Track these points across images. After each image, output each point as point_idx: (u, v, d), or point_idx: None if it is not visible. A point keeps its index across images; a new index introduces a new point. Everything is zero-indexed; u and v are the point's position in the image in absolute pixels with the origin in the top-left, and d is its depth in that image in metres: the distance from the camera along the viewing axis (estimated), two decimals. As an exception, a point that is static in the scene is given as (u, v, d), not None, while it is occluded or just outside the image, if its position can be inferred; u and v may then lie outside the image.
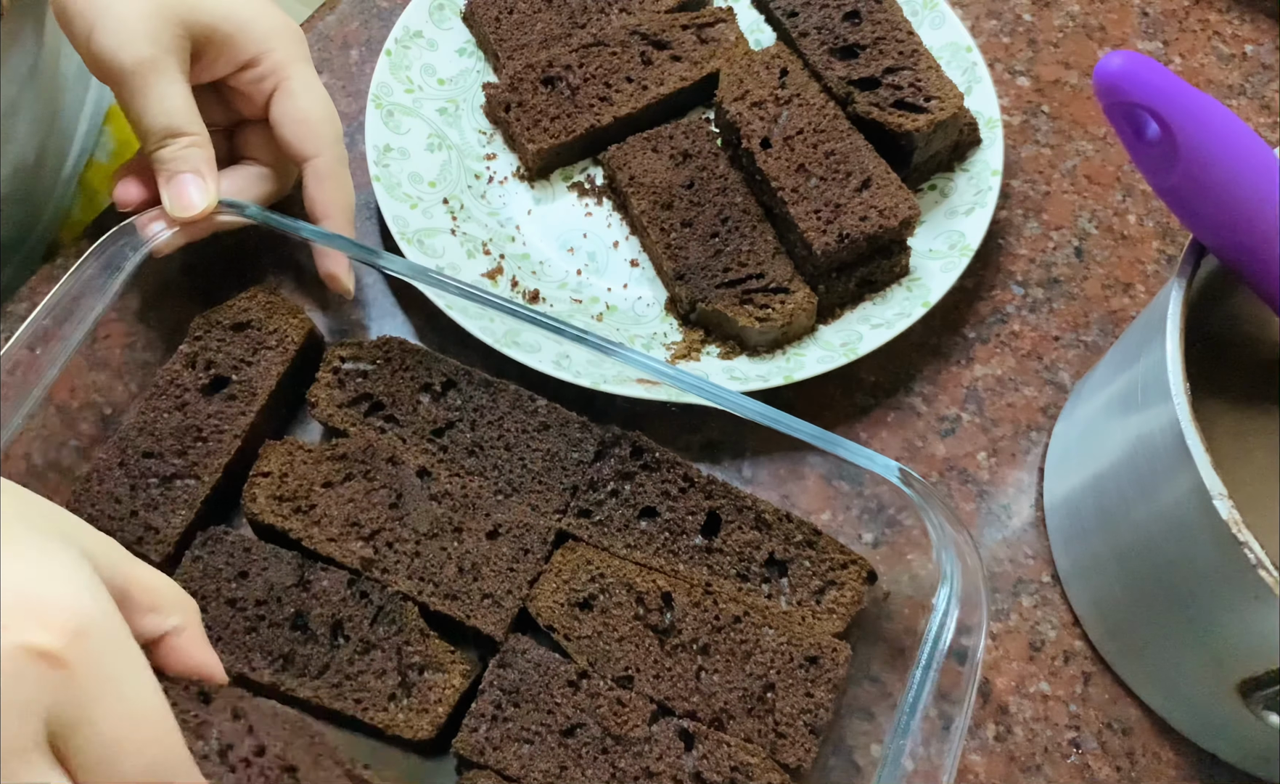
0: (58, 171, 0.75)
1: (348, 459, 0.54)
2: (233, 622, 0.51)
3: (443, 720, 0.49)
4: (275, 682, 0.50)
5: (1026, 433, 0.61)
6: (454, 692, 0.50)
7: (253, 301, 0.58)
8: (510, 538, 0.53)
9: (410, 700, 0.49)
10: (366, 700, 0.49)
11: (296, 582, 0.51)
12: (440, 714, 0.49)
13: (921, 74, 0.64)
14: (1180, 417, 0.44)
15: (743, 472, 0.59)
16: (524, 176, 0.68)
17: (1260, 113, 0.72)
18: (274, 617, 0.51)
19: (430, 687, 0.50)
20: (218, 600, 0.51)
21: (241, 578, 0.52)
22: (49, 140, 0.72)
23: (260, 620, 0.51)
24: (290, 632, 0.51)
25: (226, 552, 0.52)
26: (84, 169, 0.78)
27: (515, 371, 0.57)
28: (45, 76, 0.69)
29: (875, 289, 0.63)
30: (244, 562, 0.52)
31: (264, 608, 0.51)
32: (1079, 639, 0.55)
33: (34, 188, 0.71)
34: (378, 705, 0.49)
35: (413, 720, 0.49)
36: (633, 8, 0.71)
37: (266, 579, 0.51)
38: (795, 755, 0.49)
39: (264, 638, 0.50)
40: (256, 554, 0.52)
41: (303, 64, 0.58)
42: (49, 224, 0.74)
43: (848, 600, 0.52)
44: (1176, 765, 0.53)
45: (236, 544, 0.52)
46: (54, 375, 0.51)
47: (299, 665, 0.50)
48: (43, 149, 0.71)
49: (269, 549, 0.52)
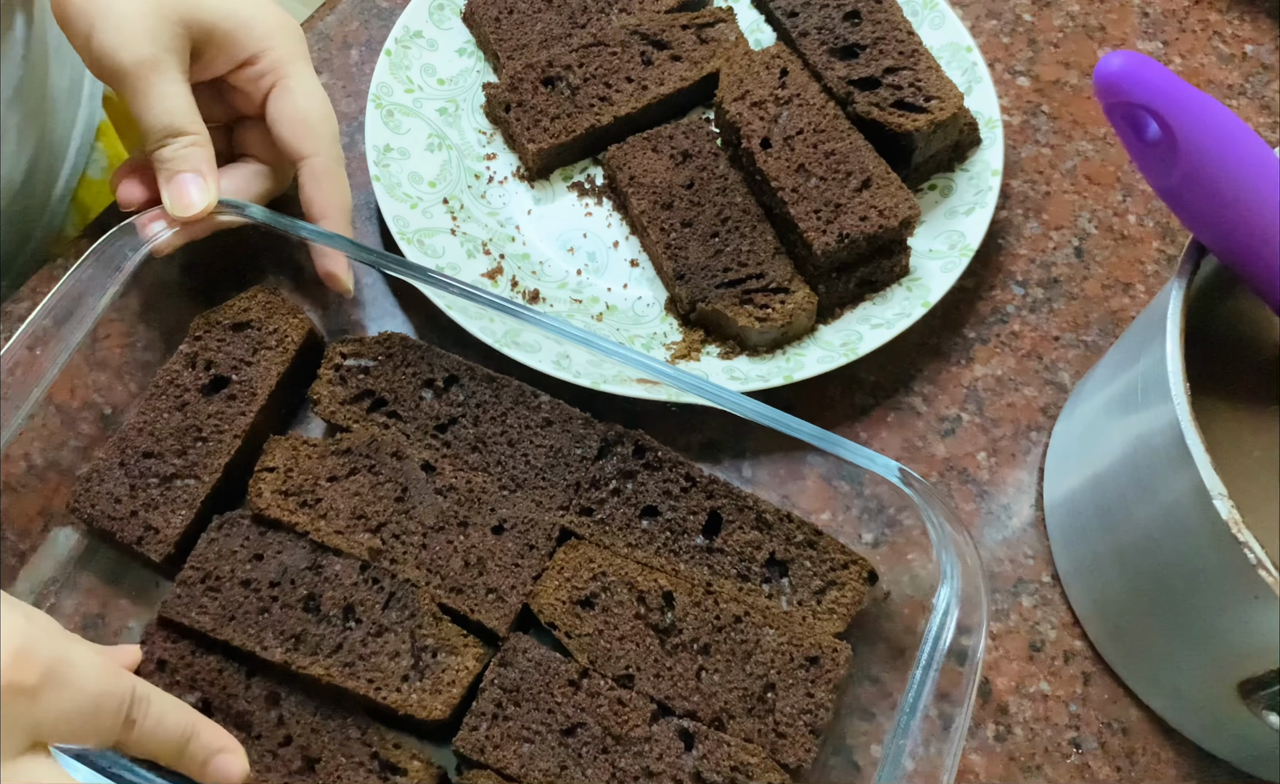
0: (49, 190, 0.74)
1: (352, 453, 0.54)
2: (246, 602, 0.51)
3: (457, 701, 0.49)
4: (287, 660, 0.50)
5: (1026, 433, 0.61)
6: (468, 674, 0.50)
7: (253, 301, 0.58)
8: (515, 533, 0.53)
9: (424, 681, 0.49)
10: (379, 680, 0.49)
11: (310, 566, 0.52)
12: (454, 695, 0.49)
13: (921, 74, 0.64)
14: (1180, 417, 0.44)
15: (743, 472, 0.59)
16: (524, 176, 0.68)
17: (1260, 113, 0.72)
18: (287, 598, 0.51)
19: (444, 669, 0.50)
20: (232, 582, 0.51)
21: (256, 560, 0.52)
22: (39, 159, 0.71)
23: (274, 601, 0.51)
24: (303, 613, 0.51)
25: (242, 535, 0.52)
26: (77, 186, 0.77)
27: (515, 372, 0.57)
28: (32, 95, 0.68)
29: (875, 289, 0.63)
30: (259, 545, 0.52)
31: (277, 589, 0.51)
32: (1079, 639, 0.55)
33: (25, 207, 0.71)
34: (390, 685, 0.49)
35: (426, 701, 0.49)
36: (633, 8, 0.71)
37: (281, 562, 0.52)
38: (795, 755, 0.49)
39: (276, 618, 0.51)
40: (271, 538, 0.52)
41: (301, 63, 0.58)
42: (41, 242, 0.74)
43: (848, 600, 0.52)
44: (1176, 765, 0.53)
45: (252, 529, 0.53)
46: (54, 375, 0.51)
47: (311, 645, 0.50)
48: (32, 168, 0.70)
49: (284, 534, 0.52)
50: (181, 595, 0.51)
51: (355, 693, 0.49)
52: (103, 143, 0.79)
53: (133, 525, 0.53)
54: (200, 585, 0.51)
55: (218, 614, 0.51)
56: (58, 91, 0.73)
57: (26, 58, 0.66)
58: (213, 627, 0.50)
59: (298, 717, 0.50)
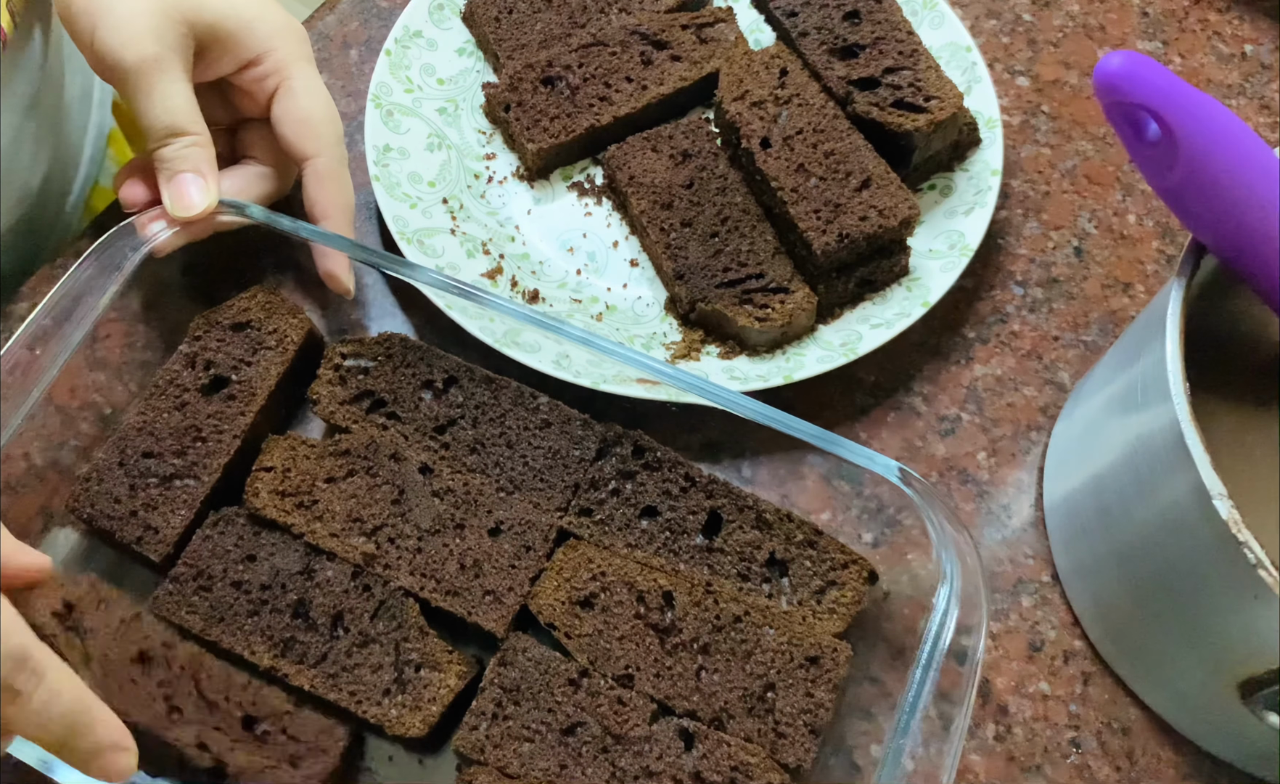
0: (63, 199, 0.74)
1: (350, 455, 0.54)
2: (236, 604, 0.51)
3: (435, 720, 0.49)
4: (274, 666, 0.50)
5: (1026, 433, 0.61)
6: (449, 692, 0.50)
7: (253, 301, 0.58)
8: (512, 535, 0.53)
9: (404, 697, 0.49)
10: (361, 694, 0.49)
11: (302, 570, 0.52)
12: (433, 713, 0.49)
13: (921, 74, 0.64)
14: (1180, 417, 0.44)
15: (742, 471, 0.59)
16: (524, 176, 0.68)
17: (1260, 113, 0.72)
18: (277, 603, 0.51)
19: (425, 685, 0.50)
20: (223, 581, 0.51)
21: (249, 561, 0.52)
22: (53, 168, 0.71)
23: (263, 605, 0.51)
24: (291, 619, 0.51)
25: (236, 533, 0.52)
26: (90, 194, 0.77)
27: (515, 372, 0.57)
28: (48, 104, 0.68)
29: (875, 289, 0.63)
30: (253, 545, 0.52)
31: (268, 593, 0.51)
32: (1079, 639, 0.55)
33: (39, 216, 0.71)
34: (371, 700, 0.49)
35: (405, 718, 0.49)
36: (633, 8, 0.71)
37: (273, 565, 0.52)
38: (795, 755, 0.49)
39: (265, 622, 0.51)
40: (265, 539, 0.52)
41: (305, 63, 0.58)
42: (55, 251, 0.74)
43: (849, 600, 0.52)
44: (1176, 765, 0.53)
45: (247, 527, 0.53)
46: (54, 375, 0.51)
47: (298, 652, 0.50)
48: (47, 177, 0.70)
49: (278, 535, 0.52)
50: (173, 592, 0.51)
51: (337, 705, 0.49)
52: (113, 149, 0.79)
53: (132, 525, 0.53)
54: (192, 583, 0.51)
55: (207, 614, 0.51)
56: (71, 99, 0.73)
57: (44, 67, 0.66)
58: (202, 627, 0.50)
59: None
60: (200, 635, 0.50)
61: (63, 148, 0.73)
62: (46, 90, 0.68)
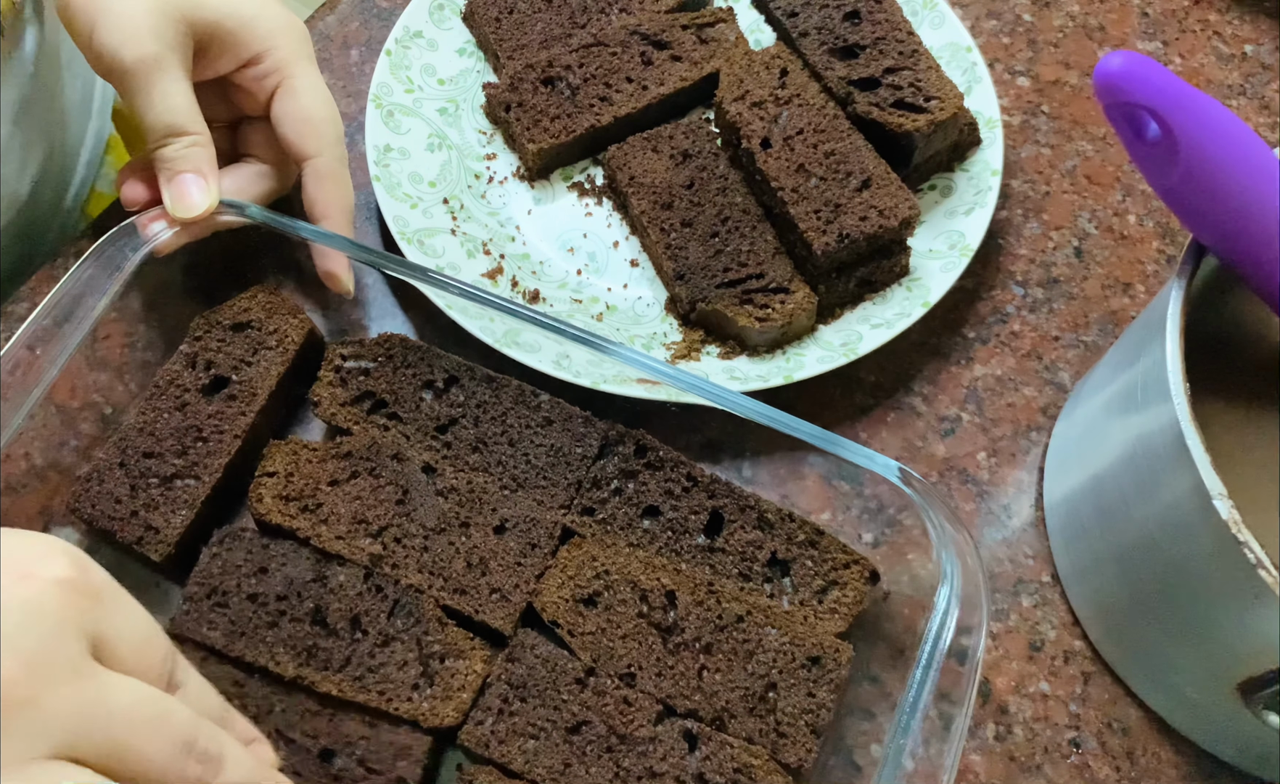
0: (58, 205, 0.74)
1: (353, 457, 0.54)
2: (254, 617, 0.51)
3: (467, 706, 0.49)
4: (299, 675, 0.50)
5: (1026, 433, 0.61)
6: (476, 677, 0.50)
7: (253, 301, 0.58)
8: (517, 533, 0.53)
9: (434, 689, 0.49)
10: (390, 691, 0.49)
11: (314, 577, 0.52)
12: (465, 700, 0.49)
13: (921, 74, 0.64)
14: (1180, 417, 0.44)
15: (743, 471, 0.59)
16: (524, 176, 0.68)
17: (1260, 113, 0.72)
18: (294, 612, 0.51)
19: (453, 674, 0.50)
20: (239, 596, 0.51)
21: (261, 574, 0.52)
22: (47, 172, 0.70)
23: (281, 615, 0.51)
24: (311, 626, 0.51)
25: (245, 548, 0.52)
26: (86, 199, 0.76)
27: (515, 372, 0.57)
28: (40, 110, 0.68)
29: (875, 289, 0.63)
30: (263, 558, 0.52)
31: (284, 603, 0.51)
32: (1079, 639, 0.55)
33: (32, 221, 0.70)
34: (401, 696, 0.49)
35: (438, 708, 0.49)
36: (633, 8, 0.71)
37: (285, 575, 0.52)
38: (796, 755, 0.49)
39: (286, 633, 0.51)
40: (274, 550, 0.52)
41: (306, 62, 0.58)
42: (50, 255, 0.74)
43: (850, 600, 0.52)
44: (1176, 765, 0.53)
45: (255, 541, 0.52)
46: (54, 375, 0.51)
47: (321, 659, 0.50)
48: (39, 182, 0.69)
49: (287, 545, 0.52)
50: (190, 611, 0.51)
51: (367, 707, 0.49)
52: (111, 156, 0.79)
53: (133, 525, 0.53)
54: (207, 601, 0.51)
55: (228, 629, 0.51)
56: (69, 104, 0.73)
57: (35, 74, 0.66)
58: (224, 643, 0.50)
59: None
60: (224, 651, 0.50)
61: (57, 154, 0.72)
62: (38, 97, 0.67)
